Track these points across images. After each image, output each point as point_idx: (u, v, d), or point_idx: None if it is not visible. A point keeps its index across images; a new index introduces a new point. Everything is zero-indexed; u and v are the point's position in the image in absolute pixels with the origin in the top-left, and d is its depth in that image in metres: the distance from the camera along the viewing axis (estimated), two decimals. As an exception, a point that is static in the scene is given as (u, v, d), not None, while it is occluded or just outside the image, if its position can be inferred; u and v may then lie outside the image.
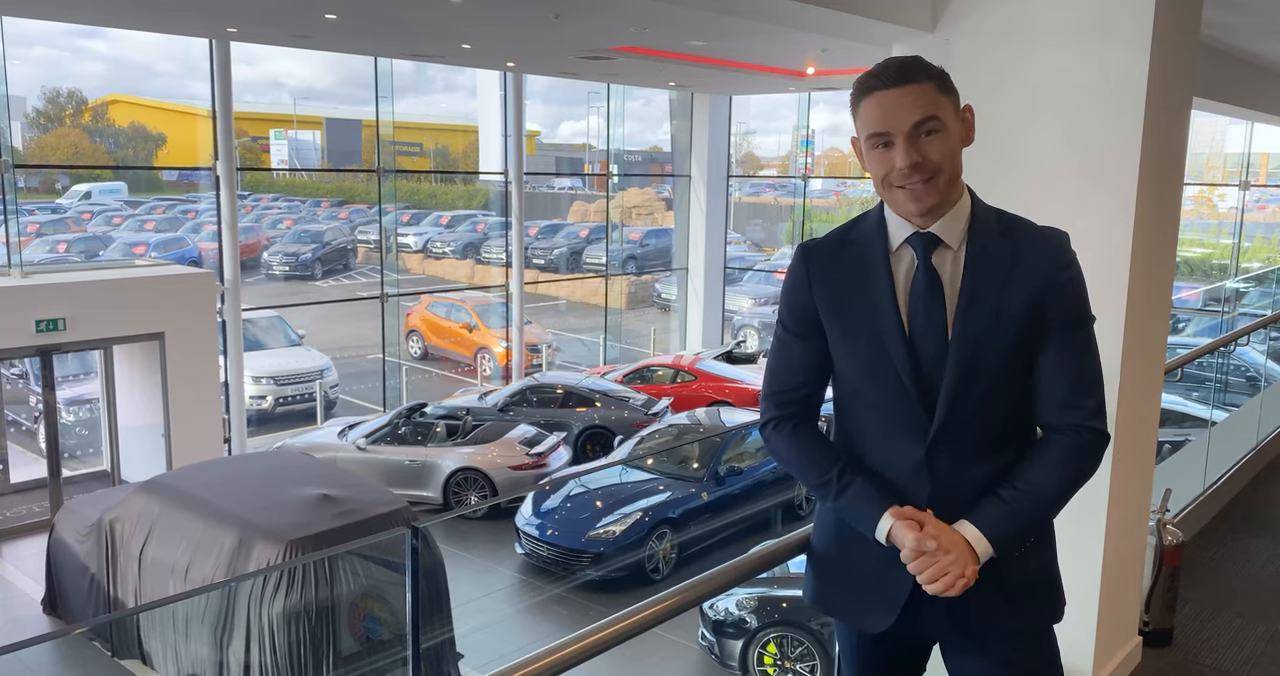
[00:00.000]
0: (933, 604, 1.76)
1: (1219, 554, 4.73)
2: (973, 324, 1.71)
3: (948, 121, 1.69)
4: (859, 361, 1.79)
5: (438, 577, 7.56)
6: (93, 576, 8.23)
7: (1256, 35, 6.35)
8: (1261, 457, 5.99)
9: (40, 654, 8.13)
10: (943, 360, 1.72)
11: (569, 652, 1.73)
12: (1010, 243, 1.74)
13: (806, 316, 1.83)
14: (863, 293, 1.77)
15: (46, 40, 20.64)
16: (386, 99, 15.44)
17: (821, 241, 1.86)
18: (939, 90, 1.69)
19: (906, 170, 1.66)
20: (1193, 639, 3.88)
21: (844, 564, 1.89)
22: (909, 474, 1.76)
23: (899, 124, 1.66)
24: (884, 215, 1.79)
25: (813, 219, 21.88)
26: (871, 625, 1.86)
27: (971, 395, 1.72)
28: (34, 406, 12.43)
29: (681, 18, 9.78)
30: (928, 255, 1.73)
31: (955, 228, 1.73)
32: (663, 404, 14.27)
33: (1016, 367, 1.75)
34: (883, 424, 1.80)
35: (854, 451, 1.85)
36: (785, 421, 1.88)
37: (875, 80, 1.69)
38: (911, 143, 1.66)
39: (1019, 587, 1.82)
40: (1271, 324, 6.89)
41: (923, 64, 1.71)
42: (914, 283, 1.74)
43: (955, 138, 1.71)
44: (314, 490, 7.76)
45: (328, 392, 15.73)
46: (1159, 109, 3.09)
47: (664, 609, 1.89)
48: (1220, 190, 21.62)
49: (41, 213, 18.68)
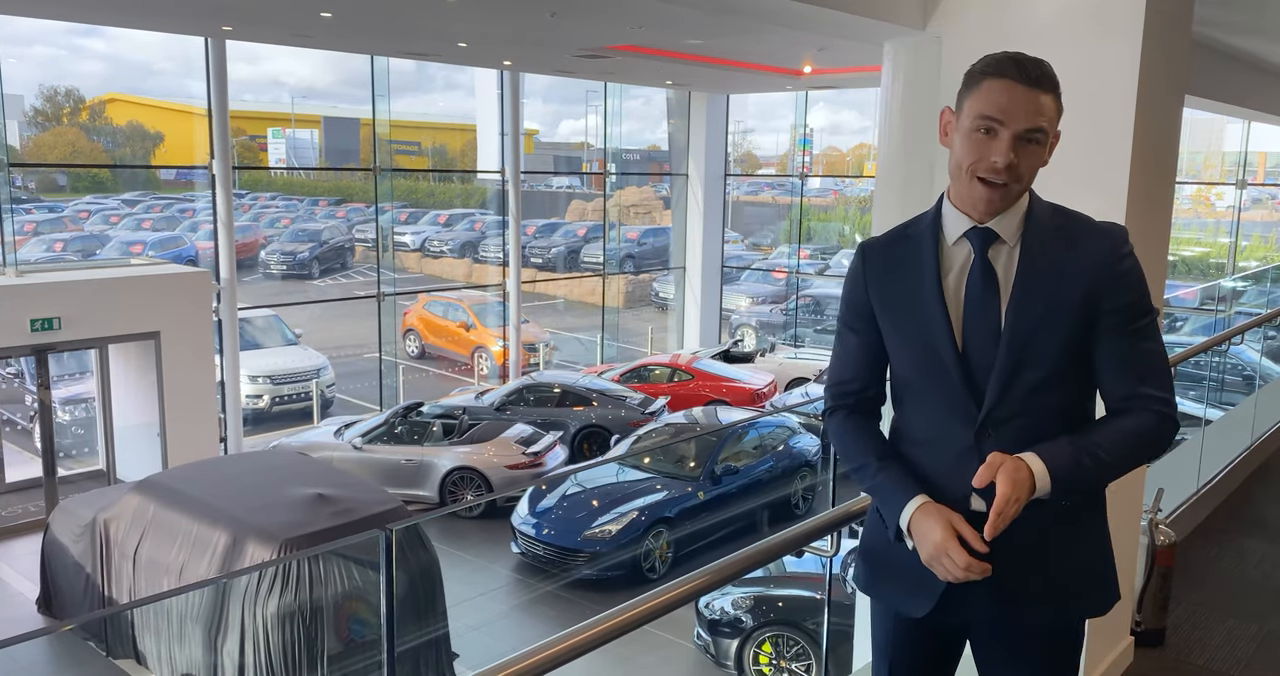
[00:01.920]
0: (976, 590, 1.76)
1: (1212, 554, 4.73)
2: (1025, 316, 1.73)
3: (1048, 135, 1.72)
4: (909, 352, 1.84)
5: (433, 577, 7.55)
6: (87, 576, 8.22)
7: (1249, 33, 6.34)
8: (1256, 457, 5.99)
9: (34, 654, 8.12)
10: (993, 351, 1.75)
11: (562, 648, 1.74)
12: (1065, 237, 1.77)
13: (861, 313, 1.89)
14: (913, 285, 1.81)
15: (46, 39, 20.62)
16: (385, 98, 15.43)
17: (878, 239, 1.92)
18: (1056, 104, 1.71)
19: (1000, 167, 1.68)
20: (1185, 639, 3.87)
21: (887, 549, 1.90)
22: (957, 458, 1.78)
23: (1015, 121, 1.67)
24: (940, 211, 1.83)
25: (811, 218, 21.88)
26: (913, 609, 1.88)
27: (1022, 386, 1.74)
28: (29, 405, 12.42)
29: (678, 16, 9.76)
30: (984, 249, 1.76)
31: (1011, 224, 1.76)
32: (660, 403, 14.26)
33: (1071, 361, 1.76)
34: (933, 412, 1.83)
35: (908, 438, 1.89)
36: (839, 411, 1.96)
37: (1013, 68, 1.68)
38: (1015, 144, 1.67)
39: (1066, 578, 1.82)
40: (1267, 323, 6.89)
41: (1054, 74, 1.71)
42: (969, 276, 1.77)
43: (1043, 155, 1.74)
44: (309, 489, 7.74)
45: (324, 392, 15.71)
46: (1150, 107, 3.08)
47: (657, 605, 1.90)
48: (1217, 189, 21.62)
49: (39, 211, 18.67)
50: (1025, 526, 1.73)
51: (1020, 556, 1.76)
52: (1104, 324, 1.74)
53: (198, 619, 6.98)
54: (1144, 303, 1.77)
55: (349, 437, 12.36)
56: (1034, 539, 1.77)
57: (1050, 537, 1.79)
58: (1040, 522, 1.76)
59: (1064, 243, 1.76)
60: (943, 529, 1.71)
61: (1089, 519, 1.86)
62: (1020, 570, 1.77)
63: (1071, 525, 1.82)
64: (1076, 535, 1.83)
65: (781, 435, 12.08)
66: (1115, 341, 1.75)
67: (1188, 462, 5.13)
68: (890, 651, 2.02)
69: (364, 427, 12.63)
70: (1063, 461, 1.68)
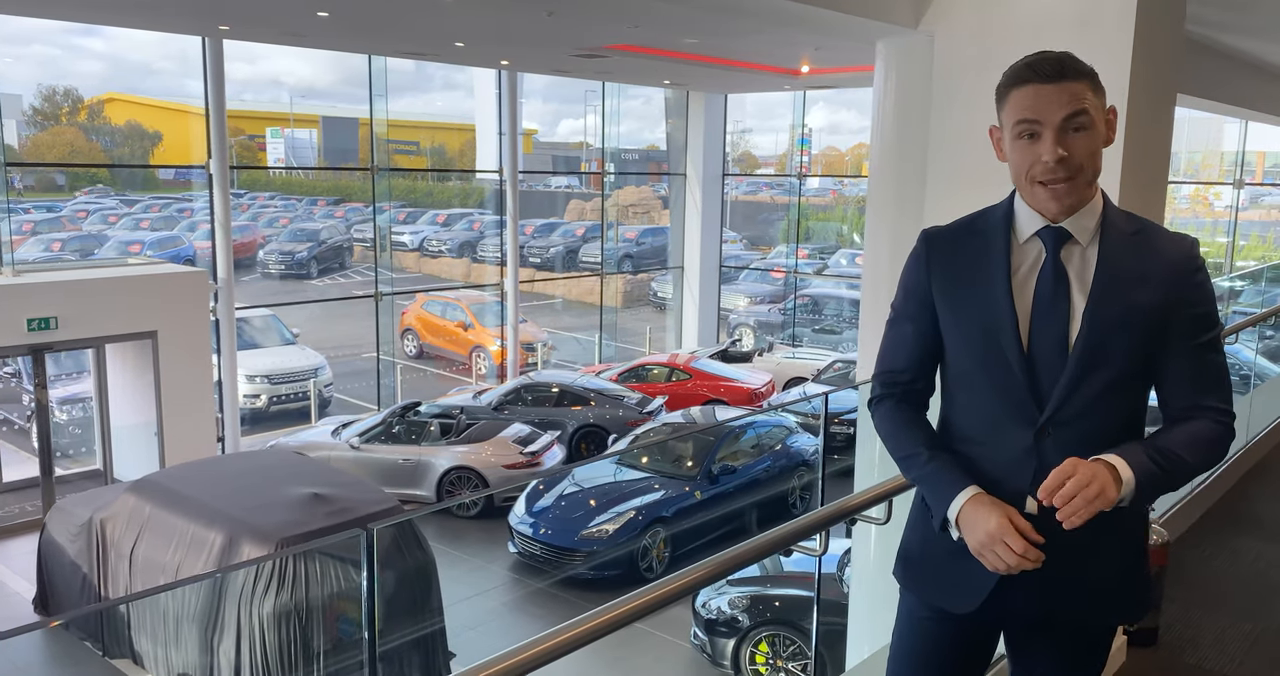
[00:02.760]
0: (1023, 588, 1.77)
1: (1206, 553, 4.72)
2: (1103, 319, 1.72)
3: (1096, 119, 1.70)
4: (971, 347, 1.82)
5: (429, 576, 7.55)
6: (84, 575, 8.21)
7: (1243, 32, 6.34)
8: (1250, 456, 5.98)
9: (31, 653, 8.12)
10: (1060, 352, 1.74)
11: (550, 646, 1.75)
12: (1142, 243, 1.76)
13: (921, 301, 1.87)
14: (981, 280, 1.79)
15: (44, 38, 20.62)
16: (383, 97, 15.42)
17: (945, 229, 1.90)
18: (1090, 88, 1.70)
19: (1052, 164, 1.67)
20: (1177, 638, 3.87)
21: (932, 543, 1.89)
22: (1015, 459, 1.76)
23: (1050, 115, 1.67)
24: (1013, 207, 1.82)
25: (809, 217, 21.87)
26: (959, 605, 1.86)
27: (1089, 388, 1.73)
28: (26, 405, 12.41)
29: (674, 16, 9.76)
30: (1057, 249, 1.75)
31: (1086, 224, 1.75)
32: (657, 402, 14.26)
33: (1139, 367, 1.77)
34: (992, 409, 1.81)
35: (960, 435, 1.87)
36: (887, 399, 1.93)
37: (1030, 72, 1.70)
38: (1060, 137, 1.67)
39: (1108, 582, 1.83)
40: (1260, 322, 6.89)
41: (1077, 62, 1.71)
42: (1040, 274, 1.76)
43: (1099, 137, 1.72)
44: (305, 489, 7.74)
45: (322, 391, 15.70)
46: (1141, 106, 3.08)
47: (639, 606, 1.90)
48: (1216, 188, 21.62)
49: (37, 211, 18.66)
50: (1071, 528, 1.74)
51: (1069, 555, 1.76)
52: (1175, 332, 1.74)
53: (194, 618, 6.98)
54: (1214, 314, 1.78)
55: (346, 437, 12.35)
56: (1083, 539, 1.75)
57: (1098, 539, 1.78)
58: (1090, 523, 1.74)
59: (1141, 248, 1.76)
60: (998, 517, 1.70)
61: (1133, 522, 1.86)
62: (1068, 569, 1.77)
63: (1117, 527, 1.81)
64: (1121, 538, 1.83)
65: (779, 434, 12.07)
66: (1185, 351, 1.75)
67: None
68: (920, 647, 2.00)
69: (361, 427, 12.62)
70: (1143, 464, 1.67)
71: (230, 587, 6.77)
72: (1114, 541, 1.82)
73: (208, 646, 6.86)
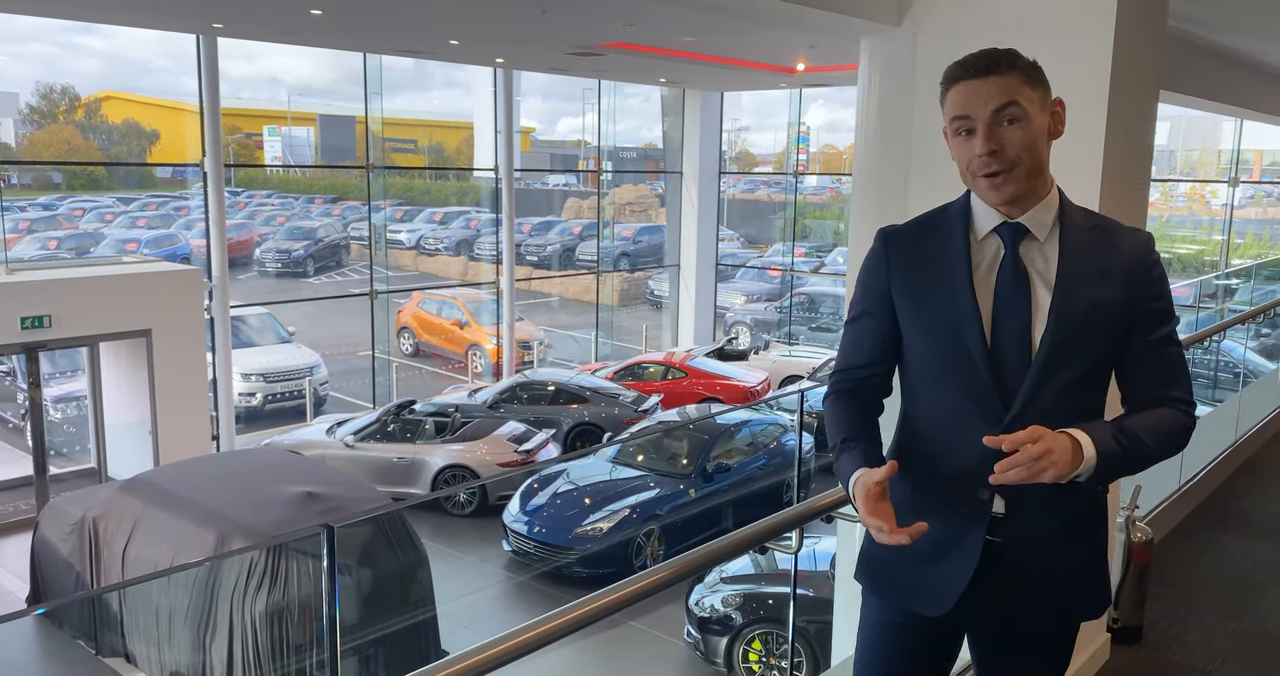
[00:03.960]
0: (993, 589, 1.77)
1: (1192, 550, 4.73)
2: (1069, 314, 1.72)
3: (1030, 111, 1.70)
4: (934, 346, 1.81)
5: (422, 574, 7.56)
6: (77, 574, 8.22)
7: (1228, 28, 6.33)
8: (1240, 454, 5.98)
9: (23, 652, 8.14)
10: (1024, 348, 1.73)
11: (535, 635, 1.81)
12: (1100, 238, 1.77)
13: (880, 298, 1.86)
14: (941, 278, 1.79)
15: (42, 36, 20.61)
16: (380, 95, 15.41)
17: (903, 227, 1.89)
18: (1024, 81, 1.70)
19: (985, 158, 1.69)
20: (1162, 636, 3.87)
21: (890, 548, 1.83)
22: (981, 457, 1.71)
23: (980, 110, 1.69)
24: (970, 203, 1.83)
25: (806, 215, 21.87)
26: (929, 608, 1.85)
27: (1056, 385, 1.73)
28: (21, 403, 12.41)
29: (669, 14, 9.75)
30: (1015, 244, 1.76)
31: (1043, 219, 1.76)
32: (653, 401, 14.26)
33: (1102, 362, 1.78)
34: (957, 408, 1.80)
35: (926, 433, 1.86)
36: (841, 396, 1.93)
37: (961, 70, 1.73)
38: (991, 131, 1.68)
39: (1072, 582, 1.83)
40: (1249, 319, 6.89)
41: (1011, 56, 1.72)
42: (1000, 271, 1.76)
43: (1038, 129, 1.71)
44: (298, 487, 7.74)
45: (317, 389, 15.70)
46: (1123, 102, 3.07)
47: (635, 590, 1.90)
48: (1212, 186, 21.62)
49: (33, 209, 18.65)
50: (1043, 529, 1.76)
51: (1036, 556, 1.77)
52: (1137, 326, 1.76)
53: (186, 617, 6.99)
54: (1172, 308, 1.81)
55: (341, 435, 12.35)
56: (1049, 542, 1.78)
57: (1063, 543, 1.80)
58: (1052, 526, 1.77)
59: (1100, 243, 1.77)
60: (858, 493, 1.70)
61: (1095, 523, 1.87)
62: (1035, 570, 1.78)
63: (1083, 530, 1.83)
64: (1084, 539, 1.84)
65: (774, 432, 12.07)
66: (1146, 345, 1.77)
67: (1169, 460, 5.12)
68: (885, 652, 1.98)
69: (356, 425, 12.62)
70: (1106, 439, 1.67)
71: (222, 586, 6.78)
72: (1080, 544, 1.83)
73: (200, 644, 6.87)
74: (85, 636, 7.93)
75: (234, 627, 6.67)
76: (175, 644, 7.09)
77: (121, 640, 7.61)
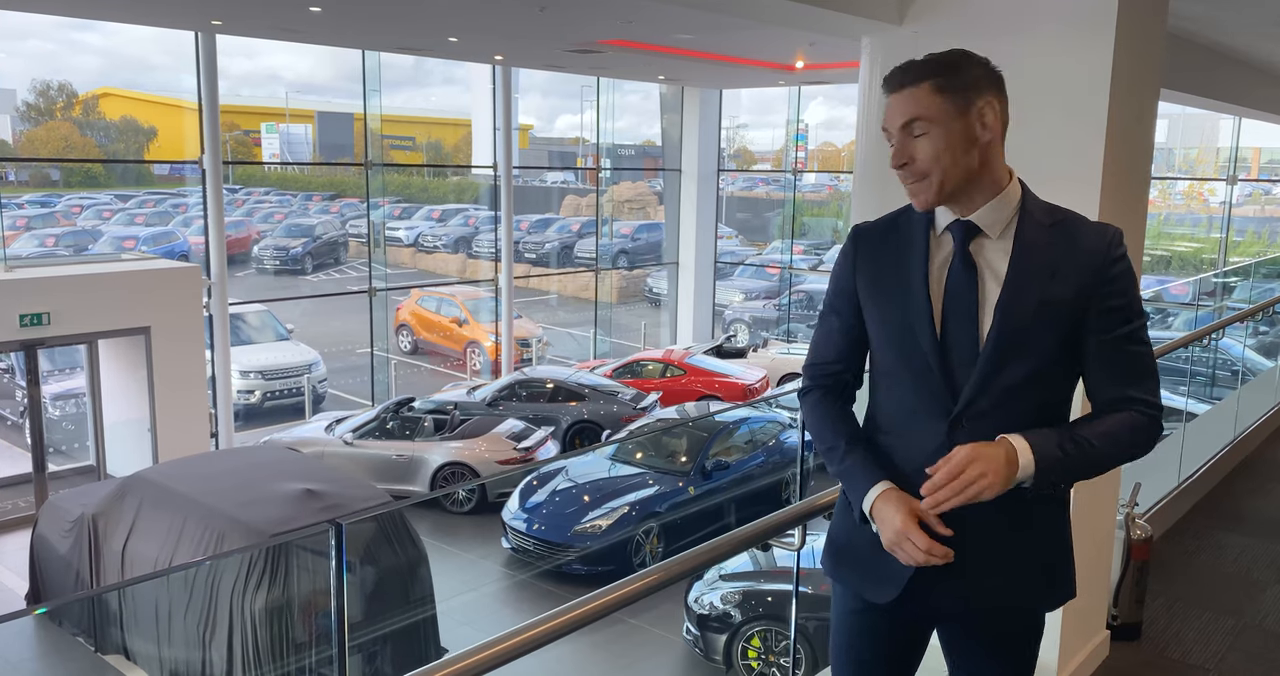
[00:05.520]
0: (940, 578, 1.80)
1: (1192, 548, 4.74)
2: (1016, 311, 1.73)
3: (939, 121, 1.72)
4: (890, 340, 1.85)
5: (421, 572, 7.56)
6: (76, 571, 8.21)
7: (1228, 27, 6.34)
8: (1238, 452, 6.00)
9: (23, 649, 8.13)
10: (972, 344, 1.76)
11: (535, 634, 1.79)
12: (1059, 234, 1.76)
13: (847, 295, 1.92)
14: (900, 274, 1.84)
15: (39, 33, 20.58)
16: (379, 92, 15.39)
17: (873, 224, 1.94)
18: (935, 90, 1.72)
19: (899, 170, 1.76)
20: (1161, 633, 3.88)
21: (853, 533, 1.92)
22: (931, 450, 1.77)
23: (892, 124, 1.76)
24: None
25: (805, 213, 21.87)
26: (878, 595, 1.89)
27: (1004, 380, 1.74)
28: (19, 401, 12.40)
29: (668, 11, 9.75)
30: (965, 242, 1.79)
31: (996, 217, 1.77)
32: (651, 398, 14.26)
33: (1055, 360, 1.77)
34: (910, 402, 1.84)
35: (884, 426, 1.90)
36: (815, 390, 1.98)
37: (882, 83, 1.79)
38: (902, 144, 1.74)
39: (1025, 573, 1.84)
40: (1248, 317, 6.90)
41: (924, 65, 1.75)
42: (951, 267, 1.80)
43: (951, 137, 1.73)
44: (297, 485, 7.74)
45: (316, 387, 15.70)
46: (1124, 101, 3.08)
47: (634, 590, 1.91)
48: (1210, 184, 21.63)
49: (31, 207, 18.63)
50: (991, 518, 1.76)
51: (985, 548, 1.78)
52: (1095, 325, 1.75)
53: (185, 614, 6.99)
54: (1136, 305, 1.78)
55: (340, 433, 12.35)
56: (1000, 531, 1.79)
57: (1015, 531, 1.81)
58: (1007, 516, 1.77)
59: (1058, 239, 1.76)
60: (904, 514, 1.73)
61: (1053, 514, 1.87)
62: (985, 561, 1.79)
63: (1036, 520, 1.83)
64: (1040, 530, 1.84)
65: (773, 430, 12.09)
66: (1106, 343, 1.75)
67: (1169, 457, 5.14)
68: (851, 640, 2.02)
69: (355, 423, 12.62)
70: (1048, 446, 1.68)
71: (222, 583, 6.78)
72: (1033, 531, 1.83)
73: (199, 641, 6.87)
74: (85, 633, 7.93)
75: (233, 624, 6.67)
76: (175, 640, 7.09)
77: (121, 636, 7.62)
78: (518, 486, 10.88)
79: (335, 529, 1.47)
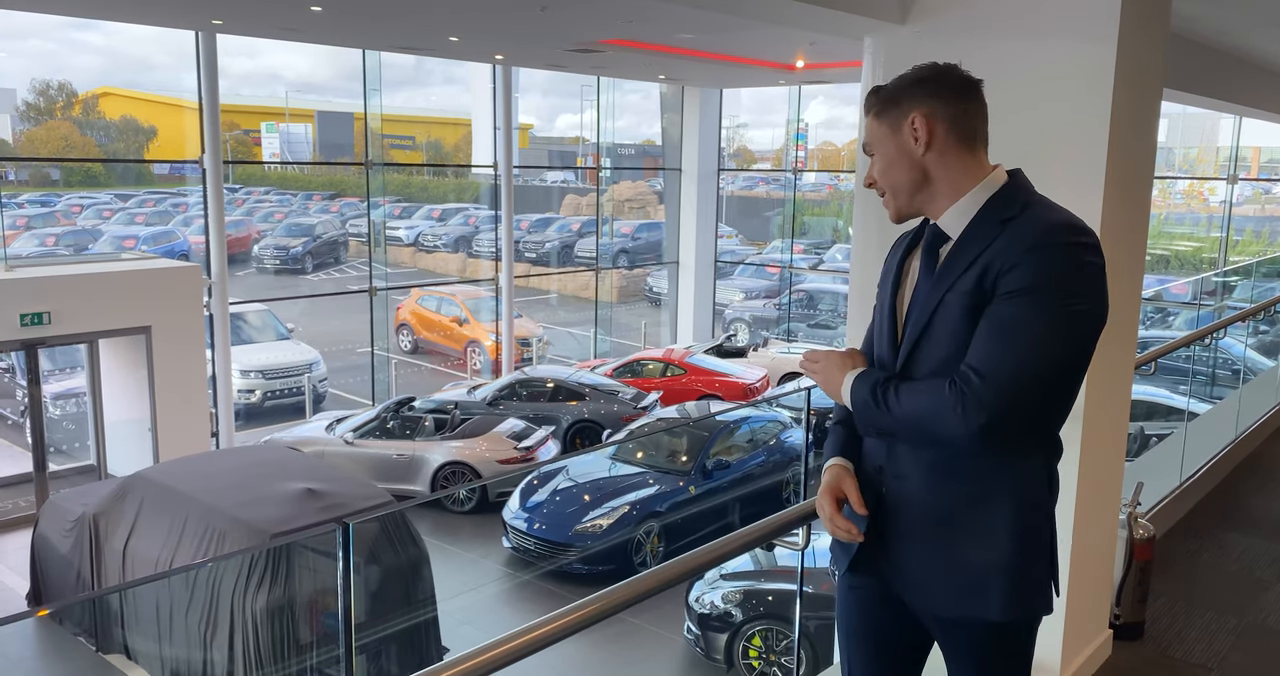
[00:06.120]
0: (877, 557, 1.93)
1: (1194, 547, 4.74)
2: (923, 302, 1.83)
3: (879, 144, 1.90)
4: (875, 327, 2.00)
5: (422, 571, 7.56)
6: (77, 571, 8.21)
7: (1231, 27, 6.34)
8: (1240, 451, 6.00)
9: (23, 648, 8.13)
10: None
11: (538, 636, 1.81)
12: (1007, 230, 1.73)
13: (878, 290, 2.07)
14: (887, 273, 2.00)
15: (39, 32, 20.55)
16: (379, 92, 15.39)
17: (907, 230, 2.05)
18: (874, 117, 1.90)
19: (866, 187, 1.96)
20: (1164, 632, 3.88)
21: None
22: (871, 446, 1.95)
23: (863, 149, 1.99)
24: None
25: (805, 212, 21.86)
26: (839, 566, 2.04)
27: (919, 370, 1.82)
28: (20, 400, 12.40)
29: (667, 11, 9.75)
30: (931, 244, 1.88)
31: (955, 221, 1.83)
32: (652, 398, 14.26)
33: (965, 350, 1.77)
34: None
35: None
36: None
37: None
38: (868, 166, 1.95)
39: (964, 574, 1.82)
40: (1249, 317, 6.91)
41: (871, 95, 1.91)
42: (920, 267, 1.91)
43: (890, 156, 1.88)
44: (298, 484, 7.74)
45: (316, 386, 15.70)
46: (1127, 101, 3.08)
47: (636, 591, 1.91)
48: (1211, 184, 21.63)
49: (31, 206, 18.62)
50: (922, 512, 1.84)
51: (914, 540, 1.86)
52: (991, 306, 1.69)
53: (186, 613, 6.99)
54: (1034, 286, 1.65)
55: (341, 432, 12.35)
56: (929, 526, 1.85)
57: (940, 526, 1.84)
58: (940, 511, 1.82)
59: (999, 235, 1.73)
60: (827, 488, 1.92)
61: (989, 516, 1.80)
62: (915, 554, 1.86)
63: (971, 520, 1.81)
64: (975, 532, 1.81)
65: (774, 429, 12.09)
66: (985, 319, 1.69)
67: (1171, 456, 5.14)
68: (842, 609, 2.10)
69: (356, 422, 12.62)
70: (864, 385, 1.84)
71: (223, 582, 6.78)
72: (967, 531, 1.81)
73: (200, 641, 6.87)
74: (85, 632, 7.93)
75: (235, 623, 6.67)
76: (176, 640, 7.09)
77: (122, 635, 7.62)
78: (518, 486, 10.88)
79: (343, 529, 1.47)
